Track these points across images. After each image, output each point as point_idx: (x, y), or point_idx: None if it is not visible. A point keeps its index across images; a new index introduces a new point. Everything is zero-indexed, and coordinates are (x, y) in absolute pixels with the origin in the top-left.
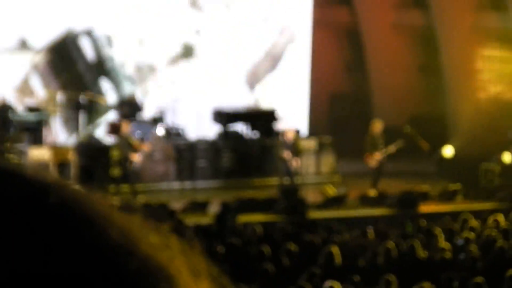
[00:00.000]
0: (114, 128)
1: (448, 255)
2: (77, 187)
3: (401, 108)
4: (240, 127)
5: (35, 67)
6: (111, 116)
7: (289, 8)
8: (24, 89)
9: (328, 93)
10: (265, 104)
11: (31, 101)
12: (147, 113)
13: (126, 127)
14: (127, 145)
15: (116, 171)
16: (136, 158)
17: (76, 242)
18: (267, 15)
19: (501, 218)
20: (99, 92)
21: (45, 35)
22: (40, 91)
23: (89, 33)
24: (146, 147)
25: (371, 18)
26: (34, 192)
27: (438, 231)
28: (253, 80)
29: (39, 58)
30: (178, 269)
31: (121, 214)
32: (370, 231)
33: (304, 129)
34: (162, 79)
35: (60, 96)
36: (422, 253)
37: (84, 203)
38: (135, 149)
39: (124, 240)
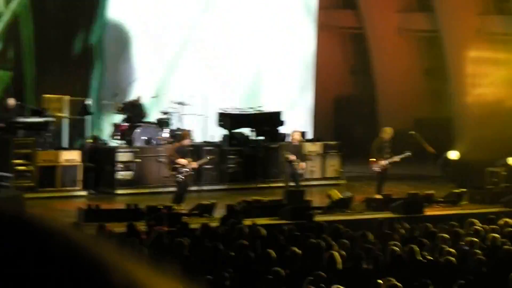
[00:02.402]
0: (120, 131)
1: (453, 258)
2: (82, 232)
3: (406, 112)
4: (246, 130)
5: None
6: (117, 119)
7: (294, 11)
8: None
9: (333, 96)
10: (270, 107)
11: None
12: (153, 117)
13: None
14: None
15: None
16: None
17: None
18: (273, 18)
19: (507, 222)
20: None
21: None
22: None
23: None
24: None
25: (376, 22)
26: (40, 240)
27: (443, 234)
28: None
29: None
30: None
31: (125, 258)
32: (375, 235)
33: (309, 133)
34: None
35: (66, 100)
36: (426, 257)
37: (89, 249)
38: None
39: (127, 284)
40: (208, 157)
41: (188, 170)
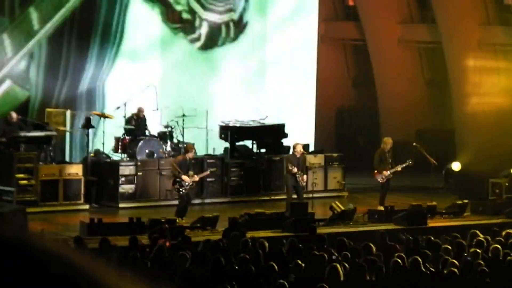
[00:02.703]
0: (121, 145)
1: (456, 270)
2: (81, 252)
3: (409, 123)
4: (248, 143)
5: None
6: (119, 132)
7: (295, 23)
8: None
9: (335, 108)
10: (272, 120)
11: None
12: (155, 130)
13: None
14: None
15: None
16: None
17: None
18: (274, 30)
19: (509, 233)
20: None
21: None
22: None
23: None
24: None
25: (378, 33)
26: (38, 262)
27: (446, 246)
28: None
29: None
30: None
31: (123, 279)
32: (378, 246)
33: (311, 145)
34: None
35: (68, 114)
36: (429, 268)
37: (87, 270)
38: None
39: None
40: (210, 170)
41: (190, 183)
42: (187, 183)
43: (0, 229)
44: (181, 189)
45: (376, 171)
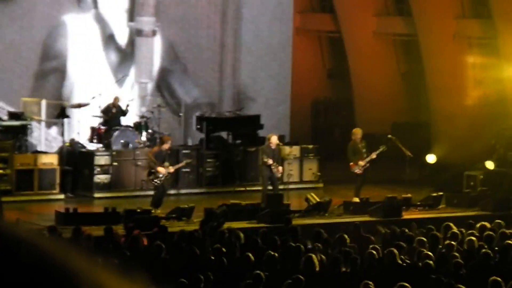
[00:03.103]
0: (97, 134)
1: (431, 262)
2: (50, 240)
3: (384, 115)
4: (224, 134)
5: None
6: (95, 122)
7: (270, 15)
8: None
9: (310, 100)
10: (247, 111)
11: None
12: (131, 120)
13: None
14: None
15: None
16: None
17: None
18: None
19: (484, 225)
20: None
21: None
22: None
23: None
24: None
25: (354, 25)
26: (5, 248)
27: (421, 238)
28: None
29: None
30: None
31: (95, 266)
32: (352, 238)
33: (286, 136)
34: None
35: (44, 103)
36: (404, 260)
37: (56, 257)
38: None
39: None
40: (186, 161)
41: (165, 175)
42: (162, 175)
43: None
44: (156, 180)
45: (352, 163)
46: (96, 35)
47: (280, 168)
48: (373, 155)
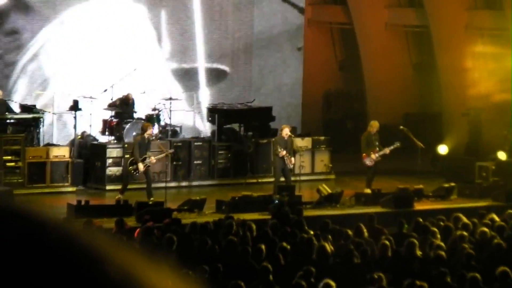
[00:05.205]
0: (108, 127)
1: (442, 252)
2: (75, 225)
3: (396, 106)
4: (235, 126)
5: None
6: (106, 114)
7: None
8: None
9: (322, 92)
10: (259, 103)
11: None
12: (142, 112)
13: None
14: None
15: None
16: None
17: (76, 280)
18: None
19: (495, 216)
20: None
21: None
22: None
23: None
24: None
25: (365, 17)
26: (33, 232)
27: (433, 229)
28: None
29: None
30: None
31: (119, 249)
32: (365, 229)
33: (298, 128)
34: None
35: (56, 96)
36: (417, 251)
37: (82, 240)
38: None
39: (122, 276)
40: (168, 152)
41: (146, 164)
42: (143, 164)
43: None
44: (136, 171)
45: (364, 154)
46: (108, 25)
47: (293, 159)
48: (387, 150)
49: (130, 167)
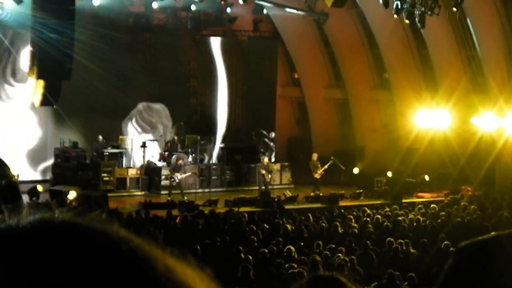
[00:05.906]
0: (163, 157)
1: (356, 230)
2: (121, 229)
3: (329, 145)
4: (237, 156)
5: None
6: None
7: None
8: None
9: (287, 137)
10: (247, 143)
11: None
12: (182, 147)
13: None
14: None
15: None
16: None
17: (139, 277)
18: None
19: (388, 208)
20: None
21: None
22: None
23: None
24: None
25: (311, 93)
26: (105, 245)
27: (349, 216)
28: None
29: None
30: None
31: (164, 254)
32: (311, 216)
33: (273, 158)
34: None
35: (130, 140)
36: (340, 229)
37: (129, 243)
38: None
39: (169, 274)
40: (191, 172)
41: (178, 179)
42: (177, 179)
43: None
44: (173, 182)
45: (314, 173)
46: None
47: (269, 176)
48: (326, 166)
49: (170, 180)
